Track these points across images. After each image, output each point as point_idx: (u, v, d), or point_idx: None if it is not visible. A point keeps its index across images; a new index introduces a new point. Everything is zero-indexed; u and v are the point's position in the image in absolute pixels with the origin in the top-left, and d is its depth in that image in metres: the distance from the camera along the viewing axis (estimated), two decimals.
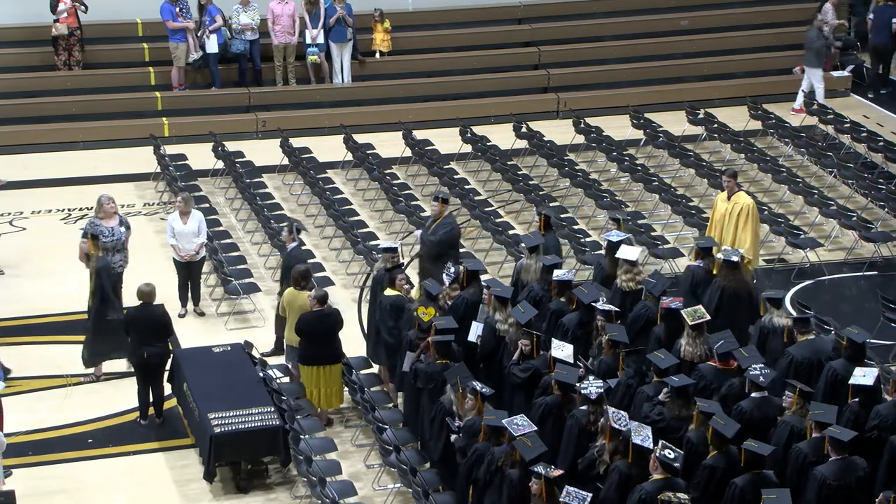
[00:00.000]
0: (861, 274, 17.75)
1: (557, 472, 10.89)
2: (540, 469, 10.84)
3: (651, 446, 11.11)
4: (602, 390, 11.90)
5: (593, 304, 13.45)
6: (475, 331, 13.56)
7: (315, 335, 14.02)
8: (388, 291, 14.23)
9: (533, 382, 12.82)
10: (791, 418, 11.82)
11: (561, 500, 10.70)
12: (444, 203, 15.92)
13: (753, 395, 12.12)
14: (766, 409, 12.05)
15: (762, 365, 12.30)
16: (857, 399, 12.07)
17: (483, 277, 14.76)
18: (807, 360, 12.84)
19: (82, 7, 22.07)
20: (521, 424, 11.43)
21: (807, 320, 13.24)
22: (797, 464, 11.45)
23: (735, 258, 14.42)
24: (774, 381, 12.47)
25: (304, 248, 16.03)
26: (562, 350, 12.63)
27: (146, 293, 14.28)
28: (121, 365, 15.17)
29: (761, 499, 10.67)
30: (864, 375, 12.09)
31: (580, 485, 11.09)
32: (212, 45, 22.22)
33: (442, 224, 15.74)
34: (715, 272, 14.75)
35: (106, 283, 14.80)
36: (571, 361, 12.53)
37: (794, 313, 13.88)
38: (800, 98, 23.04)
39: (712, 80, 24.20)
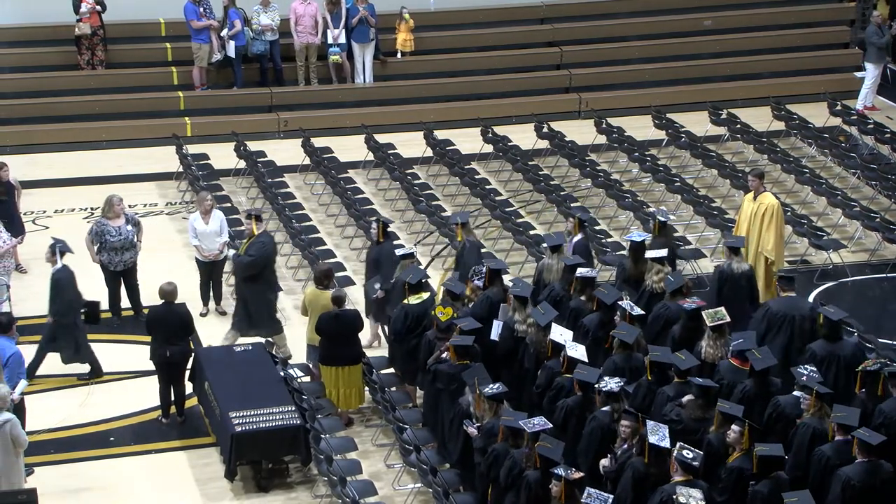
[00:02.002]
0: (884, 276, 17.66)
1: (578, 475, 10.84)
2: (560, 471, 10.81)
3: (668, 445, 11.08)
4: (622, 384, 11.88)
5: (618, 302, 13.42)
6: (497, 329, 13.54)
7: (332, 335, 14.02)
8: (412, 299, 14.16)
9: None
10: (811, 420, 11.77)
11: (582, 501, 10.66)
12: (257, 220, 15.43)
13: (795, 393, 12.08)
14: (800, 409, 11.98)
15: (813, 368, 12.27)
16: (864, 389, 12.23)
17: (505, 277, 14.74)
18: (781, 314, 13.71)
19: (98, 6, 22.11)
20: (536, 423, 11.40)
21: (791, 279, 14.07)
22: (820, 466, 11.39)
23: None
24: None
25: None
26: (576, 350, 12.59)
27: (168, 292, 14.32)
28: (144, 363, 15.23)
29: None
30: (874, 365, 12.27)
31: (604, 487, 11.06)
32: (230, 50, 22.26)
33: (255, 243, 15.27)
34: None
35: None
36: (585, 360, 12.49)
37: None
38: (868, 94, 23.01)
39: (736, 81, 24.11)
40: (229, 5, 22.28)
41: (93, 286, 16.37)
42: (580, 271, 14.07)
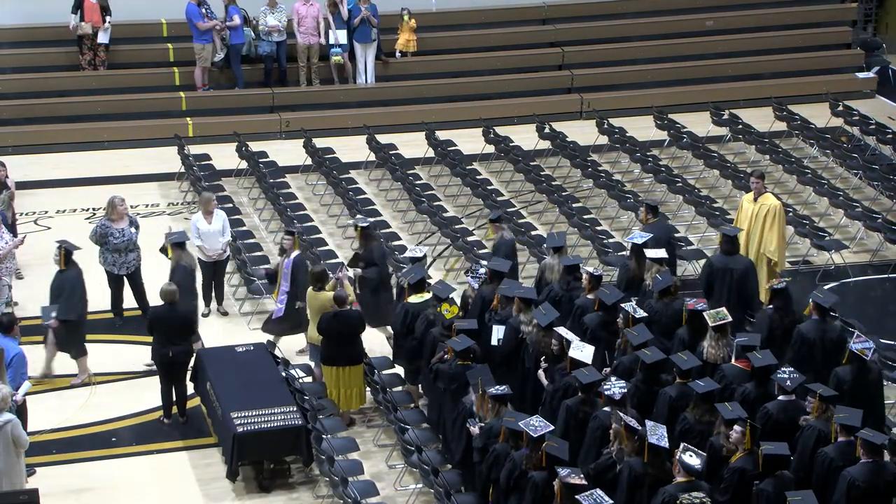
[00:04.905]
0: (886, 276, 17.66)
1: (580, 482, 10.78)
2: (562, 471, 10.79)
3: (666, 445, 11.07)
4: (625, 390, 11.87)
5: (621, 304, 13.41)
6: (496, 334, 13.53)
7: (333, 335, 14.03)
8: (413, 298, 14.15)
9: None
10: (816, 422, 11.77)
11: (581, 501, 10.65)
12: None
13: (781, 398, 12.07)
14: (792, 412, 12.00)
15: (791, 369, 12.26)
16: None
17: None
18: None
19: (104, 12, 22.12)
20: (538, 426, 11.38)
21: (655, 208, 15.81)
22: (823, 467, 11.39)
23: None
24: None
25: None
26: (581, 351, 12.58)
27: (170, 292, 14.32)
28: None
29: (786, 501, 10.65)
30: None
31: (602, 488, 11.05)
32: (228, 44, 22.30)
33: None
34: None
35: None
36: (589, 362, 12.48)
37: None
38: None
39: (737, 81, 24.11)
40: (230, 3, 22.30)
41: (96, 287, 16.40)
42: (587, 269, 14.15)
